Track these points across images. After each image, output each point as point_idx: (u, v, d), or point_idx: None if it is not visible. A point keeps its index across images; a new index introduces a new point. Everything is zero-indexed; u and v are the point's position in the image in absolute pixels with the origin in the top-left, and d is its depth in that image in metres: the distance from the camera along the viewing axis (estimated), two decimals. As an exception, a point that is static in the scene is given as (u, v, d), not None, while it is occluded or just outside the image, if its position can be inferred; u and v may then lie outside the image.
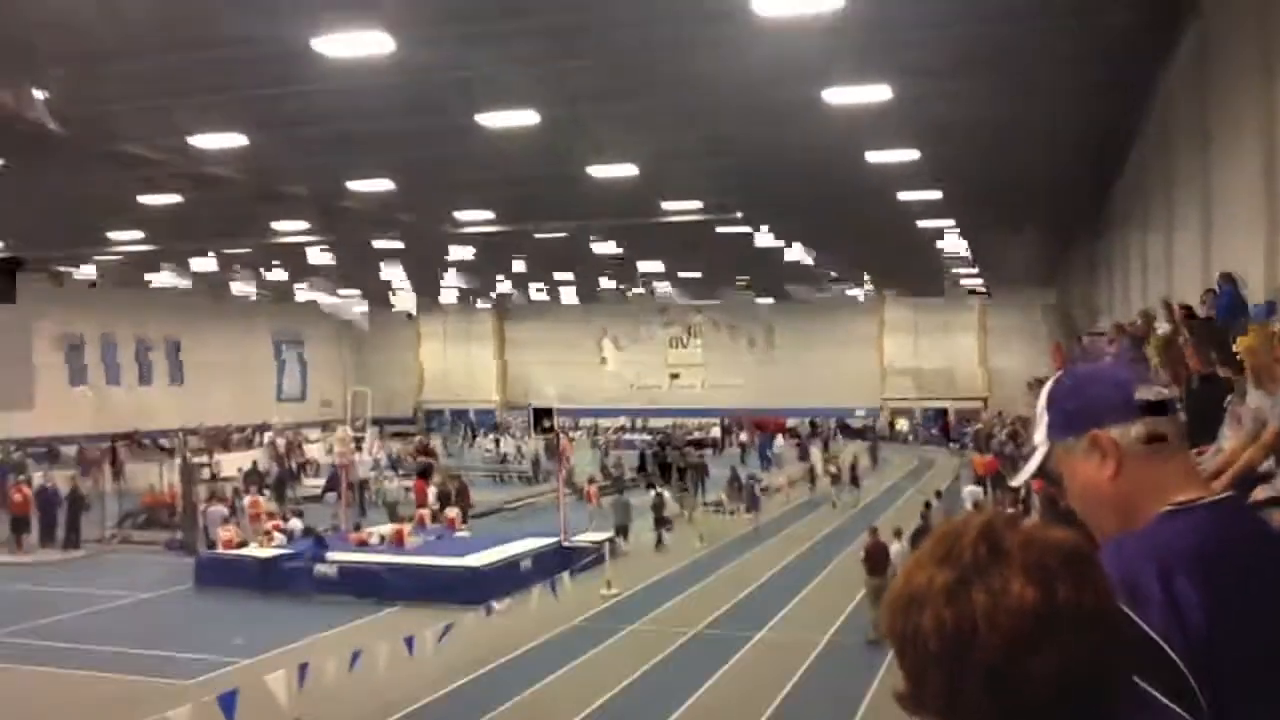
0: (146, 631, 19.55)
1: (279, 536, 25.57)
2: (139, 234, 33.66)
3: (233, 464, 40.84)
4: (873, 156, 22.82)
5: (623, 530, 27.83)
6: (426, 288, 57.92)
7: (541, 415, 32.27)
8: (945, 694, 1.26)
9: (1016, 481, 2.38)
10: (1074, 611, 1.23)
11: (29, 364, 50.02)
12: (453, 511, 29.18)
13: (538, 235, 36.06)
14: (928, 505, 27.05)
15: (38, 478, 32.86)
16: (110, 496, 33.86)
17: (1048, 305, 53.50)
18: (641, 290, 59.53)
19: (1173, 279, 18.86)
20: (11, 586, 24.03)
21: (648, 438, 56.98)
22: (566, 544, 24.95)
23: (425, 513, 29.00)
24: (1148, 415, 1.76)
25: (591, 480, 28.82)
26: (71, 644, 18.57)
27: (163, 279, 46.39)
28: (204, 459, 39.22)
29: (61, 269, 43.19)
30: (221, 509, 28.02)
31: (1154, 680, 1.46)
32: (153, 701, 14.02)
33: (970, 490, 29.38)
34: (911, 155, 22.65)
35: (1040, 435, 1.85)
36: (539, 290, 58.99)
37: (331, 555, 22.91)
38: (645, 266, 47.38)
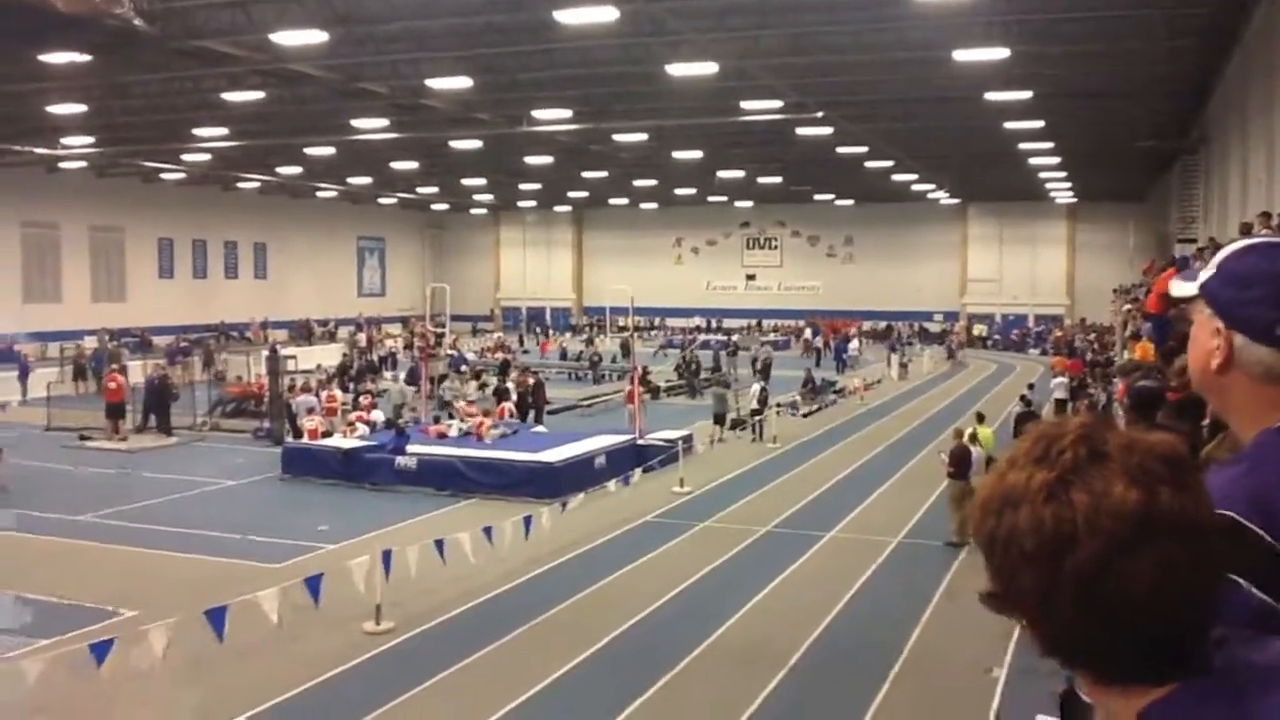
0: (235, 516, 20.25)
1: (361, 428, 26.27)
2: (224, 130, 34.09)
3: (311, 358, 41.79)
4: (960, 55, 22.19)
5: (720, 419, 29.13)
6: (506, 192, 58.16)
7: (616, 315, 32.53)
8: (1037, 595, 1.24)
9: (1178, 292, 1.95)
10: (1176, 517, 1.21)
11: (121, 258, 51.61)
12: (500, 407, 29.67)
13: (616, 137, 35.84)
14: (1023, 397, 28.18)
15: (134, 367, 33.92)
16: (200, 386, 34.94)
17: (1139, 219, 52.23)
18: (722, 198, 59.03)
19: (1274, 192, 18.19)
20: (109, 470, 25.09)
21: (722, 338, 57.10)
22: (640, 441, 25.25)
23: (506, 407, 29.49)
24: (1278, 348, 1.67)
25: (634, 382, 29.25)
26: (164, 526, 19.35)
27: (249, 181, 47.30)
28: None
29: (151, 165, 43.99)
30: (309, 399, 28.78)
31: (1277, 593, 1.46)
32: (242, 583, 14.66)
33: (1057, 380, 31.32)
34: (1001, 54, 21.96)
35: (1198, 281, 1.77)
36: (617, 197, 58.92)
37: (412, 448, 23.43)
38: (724, 174, 46.88)
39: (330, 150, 38.70)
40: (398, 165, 44.77)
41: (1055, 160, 41.36)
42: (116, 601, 14.84)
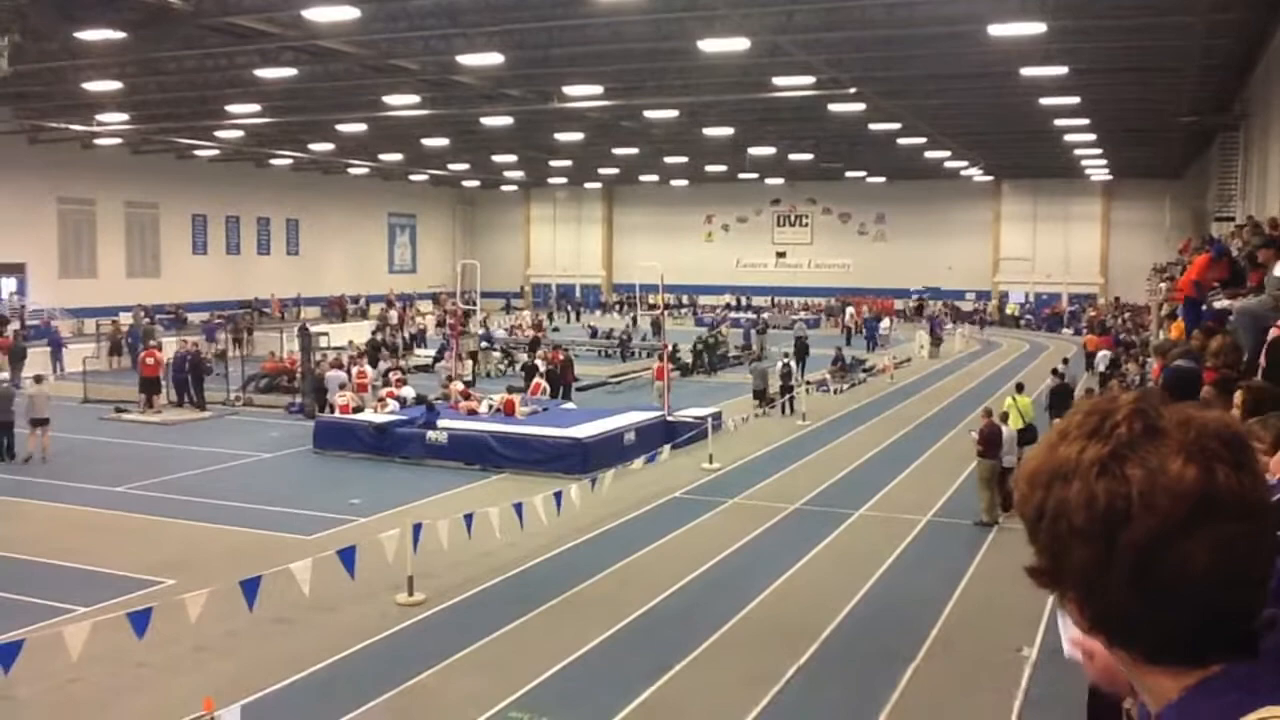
0: (268, 489, 20.49)
1: (392, 403, 26.46)
2: (257, 107, 34.25)
3: (342, 335, 42.04)
4: (996, 30, 21.94)
5: (760, 395, 29.54)
6: (537, 168, 58.15)
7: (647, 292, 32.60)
8: (1087, 572, 1.21)
9: None
10: (1233, 496, 1.17)
11: (156, 234, 52.03)
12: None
13: (647, 113, 35.74)
14: (1056, 370, 27.54)
15: (169, 342, 34.22)
16: (234, 361, 35.26)
17: (1176, 196, 51.59)
18: (753, 175, 58.73)
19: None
20: (145, 443, 25.40)
21: (751, 316, 57.05)
22: (670, 418, 25.29)
23: (538, 384, 29.63)
24: None
25: (662, 358, 29.26)
26: (199, 498, 19.59)
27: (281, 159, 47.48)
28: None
29: (185, 141, 44.25)
30: (340, 374, 28.99)
31: None
32: (275, 554, 14.84)
33: (1103, 354, 32.50)
34: (1037, 29, 21.70)
35: None
36: (648, 174, 58.74)
37: (442, 423, 23.58)
38: (756, 151, 46.63)
39: (362, 127, 38.82)
40: (429, 142, 44.86)
41: (1091, 137, 40.89)
42: (153, 571, 15.06)
